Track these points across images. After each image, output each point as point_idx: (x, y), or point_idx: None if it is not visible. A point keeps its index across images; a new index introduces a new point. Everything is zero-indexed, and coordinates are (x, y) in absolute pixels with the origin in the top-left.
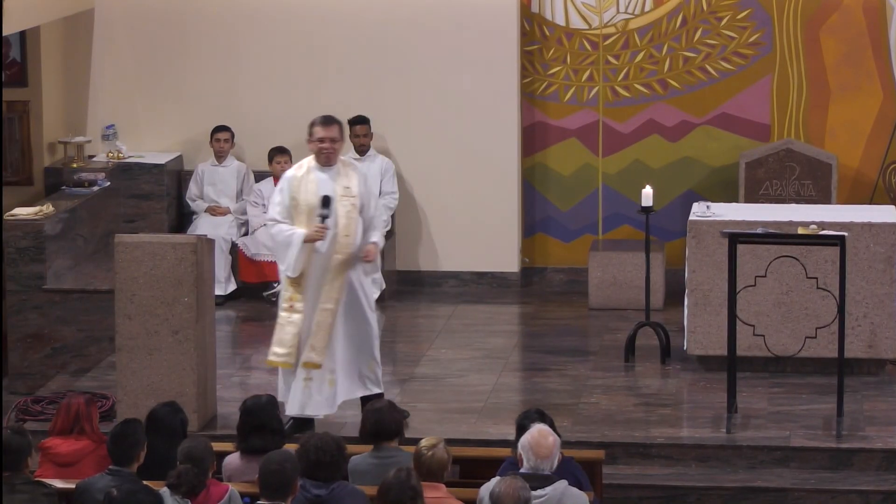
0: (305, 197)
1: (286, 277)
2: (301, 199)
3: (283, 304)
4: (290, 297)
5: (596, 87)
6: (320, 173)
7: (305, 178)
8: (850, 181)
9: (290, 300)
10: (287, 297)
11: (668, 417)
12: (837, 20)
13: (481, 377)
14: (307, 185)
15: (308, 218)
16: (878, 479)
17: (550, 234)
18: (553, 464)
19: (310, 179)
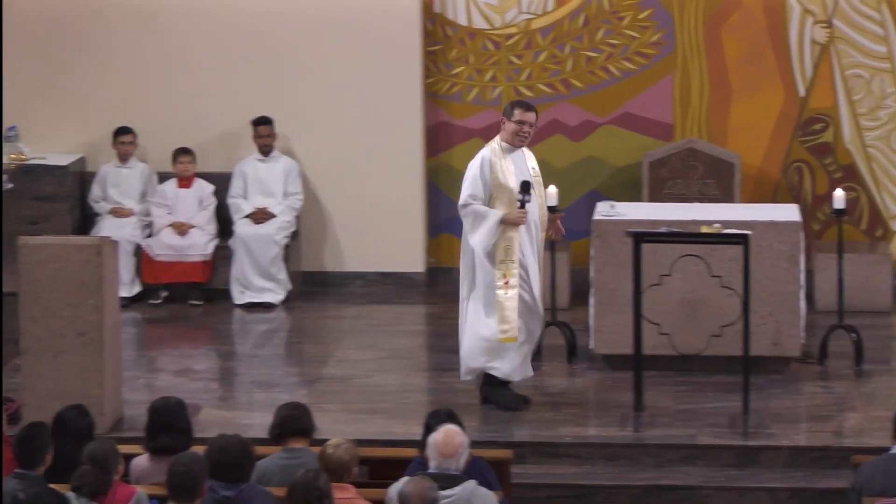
0: (504, 178)
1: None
2: (500, 180)
3: (498, 282)
4: (504, 273)
5: (499, 87)
6: (513, 155)
7: (502, 159)
8: (753, 180)
9: (505, 277)
10: (500, 275)
11: (576, 416)
12: (738, 20)
13: (388, 378)
14: (506, 165)
15: (509, 198)
16: (784, 477)
17: (456, 234)
18: (460, 463)
19: (506, 161)
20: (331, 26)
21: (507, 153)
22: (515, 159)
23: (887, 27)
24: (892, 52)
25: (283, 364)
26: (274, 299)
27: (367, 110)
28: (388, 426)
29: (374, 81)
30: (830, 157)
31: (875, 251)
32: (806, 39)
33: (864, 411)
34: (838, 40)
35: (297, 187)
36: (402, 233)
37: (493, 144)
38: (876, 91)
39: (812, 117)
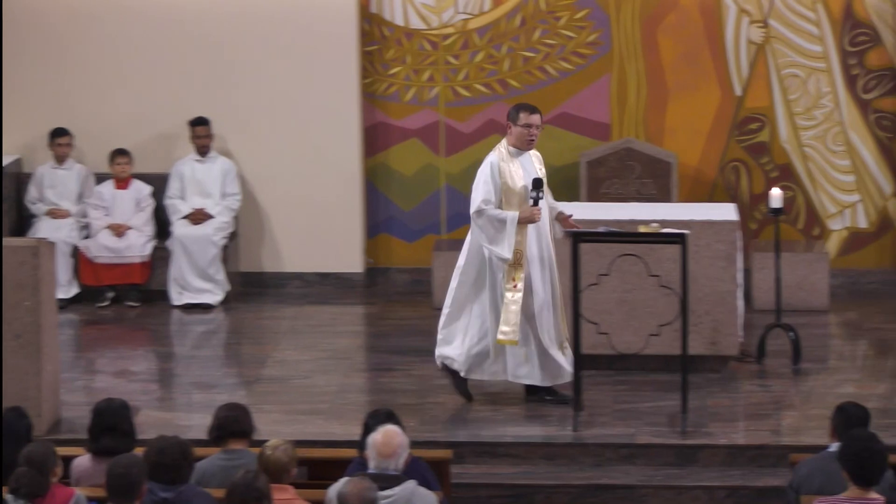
0: (513, 181)
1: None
2: (509, 183)
3: (507, 284)
4: (514, 276)
5: (436, 88)
6: (521, 158)
7: (510, 162)
8: (690, 179)
9: (514, 279)
10: (511, 276)
11: (515, 416)
12: (674, 20)
13: (327, 378)
14: (514, 168)
15: (518, 200)
16: (722, 475)
17: (394, 234)
18: (399, 464)
19: (514, 164)
20: (267, 27)
21: (514, 157)
22: (523, 162)
23: (823, 27)
24: (827, 51)
25: (221, 365)
26: (212, 300)
27: (305, 110)
28: (327, 427)
29: (312, 82)
30: (767, 157)
31: (812, 250)
32: (742, 39)
33: (802, 410)
34: (774, 40)
35: (234, 188)
36: (340, 233)
37: (500, 149)
38: (812, 90)
39: (748, 117)
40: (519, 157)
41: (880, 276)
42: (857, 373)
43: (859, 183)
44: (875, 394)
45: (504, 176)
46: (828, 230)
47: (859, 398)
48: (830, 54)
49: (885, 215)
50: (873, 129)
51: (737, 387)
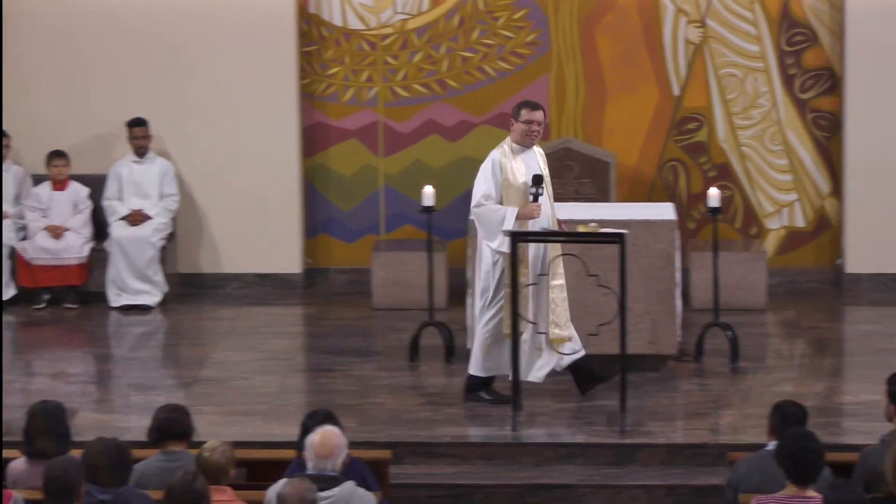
0: (515, 177)
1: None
2: (510, 179)
3: (507, 280)
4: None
5: (375, 88)
6: (523, 155)
7: (511, 159)
8: (629, 179)
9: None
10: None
11: (454, 416)
12: (613, 20)
13: (266, 379)
14: (516, 165)
15: (520, 197)
16: (661, 474)
17: (333, 234)
18: (337, 464)
19: (516, 161)
20: (205, 27)
21: (517, 154)
22: (526, 159)
23: (760, 26)
24: (764, 51)
25: (159, 366)
26: (150, 301)
27: (243, 111)
28: (266, 428)
29: (250, 82)
30: (705, 156)
31: (749, 249)
32: (680, 39)
33: (740, 408)
34: (712, 40)
35: (172, 189)
36: (278, 234)
37: (503, 146)
38: (749, 90)
39: (686, 116)
40: (522, 153)
41: (817, 275)
42: (794, 371)
43: (797, 182)
44: (812, 392)
45: (505, 172)
46: (765, 229)
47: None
48: (768, 54)
49: (823, 214)
50: (810, 128)
51: (675, 386)
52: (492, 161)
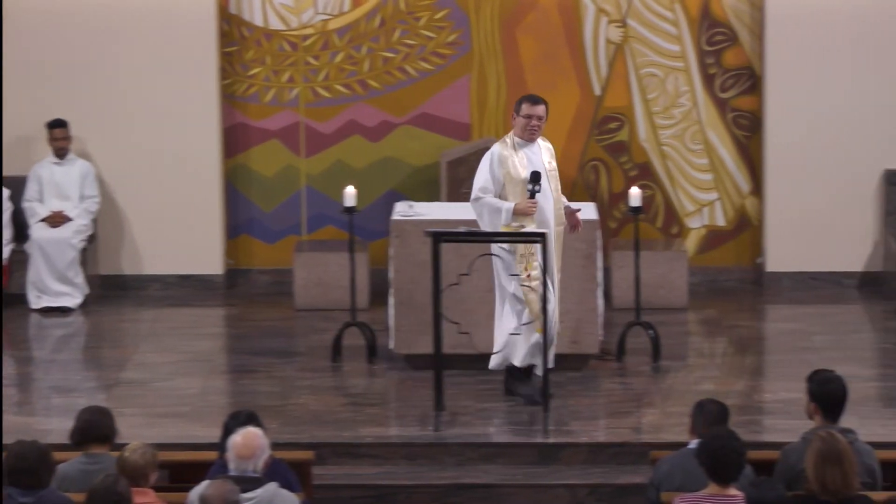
0: (516, 172)
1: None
2: (511, 173)
3: (522, 275)
4: (526, 266)
5: (296, 89)
6: (526, 149)
7: (513, 153)
8: None
9: (527, 269)
10: (522, 268)
11: (376, 416)
12: (534, 20)
13: (188, 381)
14: (517, 160)
15: (521, 191)
16: (583, 473)
17: (254, 235)
18: (258, 465)
19: (518, 155)
20: (125, 27)
21: (520, 147)
22: (529, 153)
23: (680, 26)
24: (685, 50)
25: (81, 368)
26: (71, 303)
27: (164, 112)
28: (188, 429)
29: (170, 83)
30: (626, 156)
31: (671, 248)
32: (601, 39)
33: (662, 407)
34: (633, 39)
35: (93, 190)
36: (200, 235)
37: (505, 139)
38: (670, 89)
39: (607, 116)
40: (525, 147)
41: (738, 274)
42: (716, 370)
43: (717, 181)
44: (734, 390)
45: (506, 166)
46: (686, 228)
47: (718, 395)
48: (688, 54)
49: (743, 213)
50: (731, 127)
51: (597, 385)
52: (492, 154)
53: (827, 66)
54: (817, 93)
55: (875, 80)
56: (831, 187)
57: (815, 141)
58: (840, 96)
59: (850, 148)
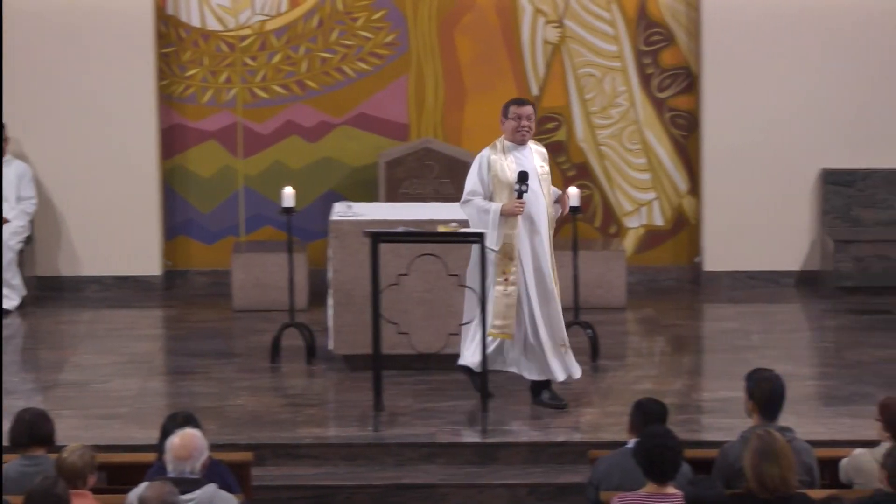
0: (504, 175)
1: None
2: (500, 176)
3: (498, 277)
4: (505, 270)
5: (234, 89)
6: (517, 152)
7: (503, 156)
8: None
9: (505, 273)
10: (501, 270)
11: (315, 417)
12: (471, 20)
13: (126, 382)
14: (506, 163)
15: (509, 194)
16: (523, 473)
17: (192, 236)
18: (196, 466)
19: (508, 158)
20: (62, 27)
21: (510, 151)
22: (520, 157)
23: (617, 26)
24: (622, 50)
25: (18, 370)
26: (9, 305)
27: (101, 113)
28: (126, 431)
29: (108, 84)
30: (564, 156)
31: (609, 248)
32: (538, 39)
33: (601, 406)
34: (570, 40)
35: (30, 191)
36: (137, 236)
37: (496, 143)
38: (608, 90)
39: (545, 116)
40: (515, 151)
41: (676, 273)
42: (654, 369)
43: (655, 181)
44: (672, 389)
45: (494, 169)
46: (624, 228)
47: (657, 394)
48: (625, 54)
49: (681, 213)
50: (668, 127)
51: None
52: (481, 158)
53: (763, 66)
54: (754, 92)
55: (811, 80)
56: (768, 186)
57: (752, 140)
58: (777, 96)
59: (787, 147)
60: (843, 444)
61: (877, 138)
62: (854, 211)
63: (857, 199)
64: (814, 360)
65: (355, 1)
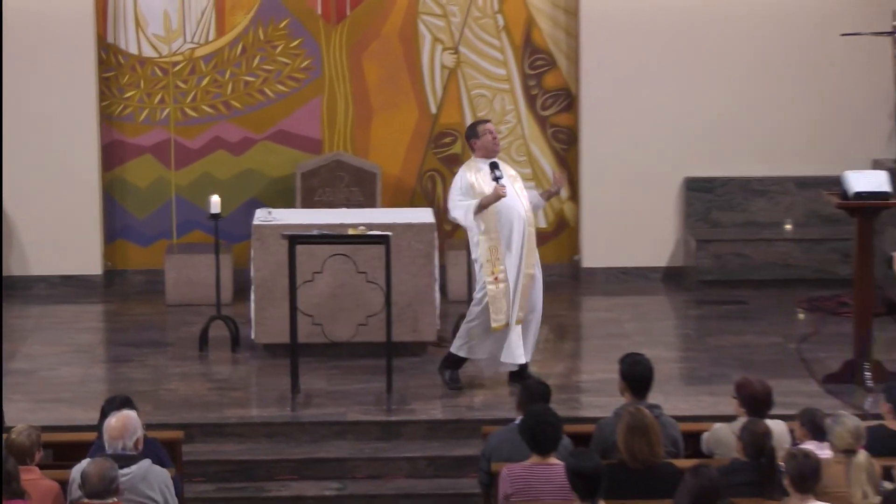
0: (481, 188)
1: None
2: (477, 190)
3: (488, 278)
4: (493, 270)
5: (167, 109)
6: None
7: (477, 173)
8: (392, 188)
9: (494, 272)
10: (490, 270)
11: (240, 399)
12: (377, 47)
13: (71, 370)
14: (481, 177)
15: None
16: (423, 447)
17: (130, 239)
18: (129, 444)
19: (482, 172)
20: (15, 56)
21: (482, 168)
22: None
23: (506, 53)
24: (510, 74)
25: None
26: None
27: (49, 130)
28: (70, 413)
29: (55, 104)
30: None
31: None
32: (436, 64)
33: (492, 388)
34: (464, 64)
35: None
36: (81, 239)
37: (469, 163)
38: (497, 108)
39: (442, 132)
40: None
41: (558, 270)
42: (539, 354)
43: (539, 188)
44: (555, 372)
45: (470, 182)
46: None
47: (541, 376)
48: (513, 77)
49: (562, 216)
50: (551, 141)
51: (435, 369)
52: (459, 176)
53: (634, 87)
54: (626, 110)
55: (676, 100)
56: (638, 193)
57: (624, 152)
58: (646, 113)
59: (655, 158)
60: (705, 419)
61: (733, 150)
62: (713, 214)
63: (716, 203)
64: (678, 345)
65: (275, 31)
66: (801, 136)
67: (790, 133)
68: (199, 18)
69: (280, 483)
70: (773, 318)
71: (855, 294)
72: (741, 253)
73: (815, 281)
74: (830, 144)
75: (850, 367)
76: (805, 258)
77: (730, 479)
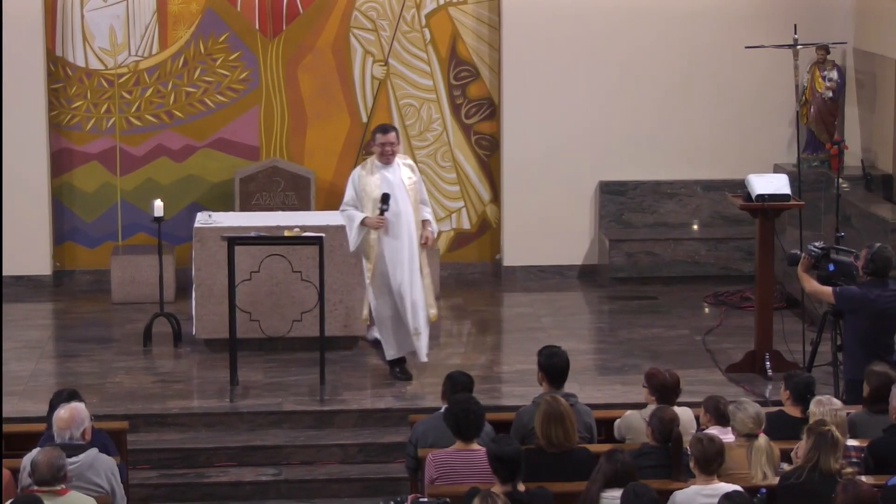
0: (370, 190)
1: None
2: (367, 191)
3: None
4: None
5: (113, 118)
6: (383, 171)
7: (370, 174)
8: (326, 192)
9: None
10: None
11: (181, 391)
12: (312, 60)
13: (22, 364)
14: (372, 180)
15: (373, 206)
16: (354, 434)
17: (77, 241)
18: (76, 434)
19: (374, 176)
20: None
21: (378, 170)
22: (387, 174)
23: (433, 65)
24: (436, 85)
25: None
26: None
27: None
28: (21, 406)
29: (5, 114)
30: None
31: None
32: (367, 75)
33: (419, 379)
34: (393, 76)
35: None
36: (31, 241)
37: (366, 162)
38: (424, 117)
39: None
40: (383, 170)
41: (481, 268)
42: (462, 347)
43: (463, 192)
44: (478, 363)
45: (363, 185)
46: (439, 231)
47: (465, 367)
48: (439, 87)
49: (485, 218)
50: (474, 148)
51: (365, 362)
52: (353, 176)
53: (553, 97)
54: (545, 119)
55: (592, 109)
56: (556, 196)
57: (543, 158)
58: (563, 121)
59: (572, 163)
60: (617, 406)
61: (644, 156)
62: (626, 215)
63: (628, 205)
64: (593, 338)
65: (215, 44)
66: (707, 143)
67: (697, 139)
68: (143, 33)
69: (220, 469)
70: (681, 312)
71: (757, 289)
72: (651, 252)
73: (721, 277)
74: (735, 150)
75: (751, 357)
76: (711, 256)
77: (640, 462)
